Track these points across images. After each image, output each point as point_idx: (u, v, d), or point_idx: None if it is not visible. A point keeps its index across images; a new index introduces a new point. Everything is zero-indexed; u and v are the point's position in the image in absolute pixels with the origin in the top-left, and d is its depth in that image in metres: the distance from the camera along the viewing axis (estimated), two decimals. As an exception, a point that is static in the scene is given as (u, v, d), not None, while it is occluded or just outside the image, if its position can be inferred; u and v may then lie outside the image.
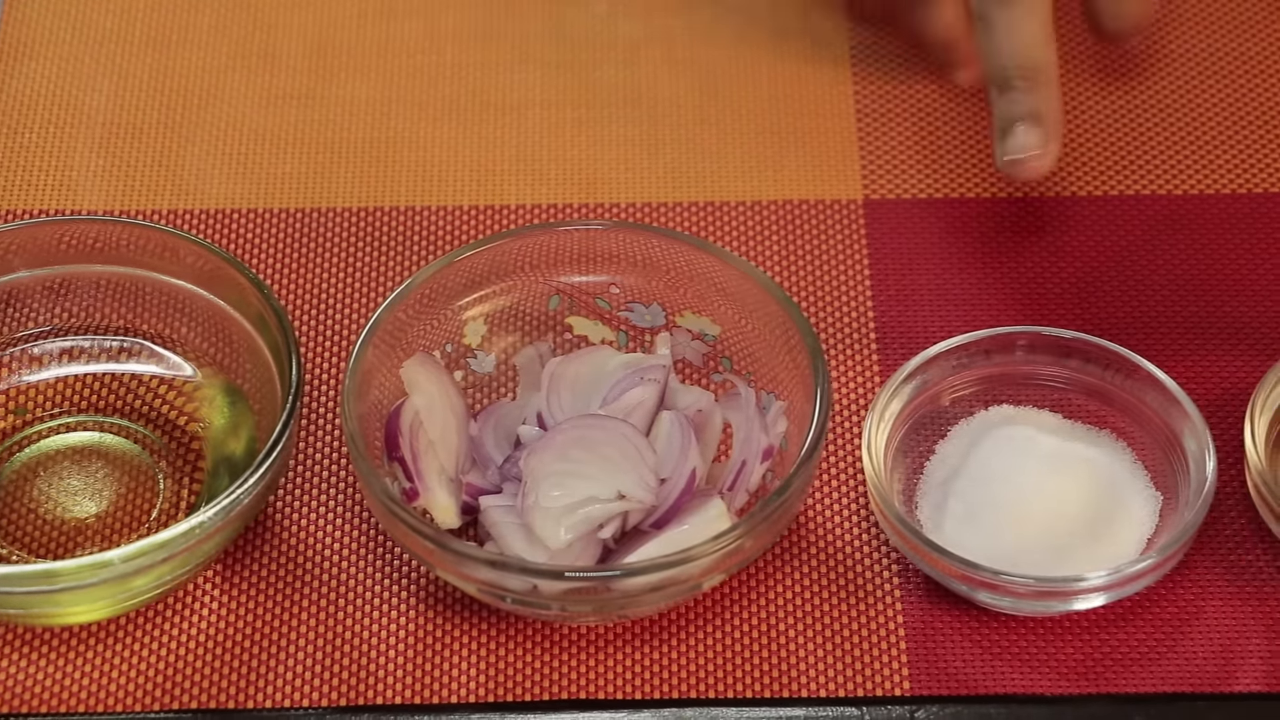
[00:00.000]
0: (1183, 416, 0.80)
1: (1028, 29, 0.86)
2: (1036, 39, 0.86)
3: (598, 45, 1.01)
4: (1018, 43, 0.86)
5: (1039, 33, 0.86)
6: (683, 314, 0.85)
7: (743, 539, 0.75)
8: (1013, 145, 0.85)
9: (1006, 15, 0.86)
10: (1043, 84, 0.86)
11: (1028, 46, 0.86)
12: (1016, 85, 0.85)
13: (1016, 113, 0.85)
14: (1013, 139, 0.85)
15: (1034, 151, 0.85)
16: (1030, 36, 0.86)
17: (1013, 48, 0.86)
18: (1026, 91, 0.85)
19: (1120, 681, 0.78)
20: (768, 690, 0.78)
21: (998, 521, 0.80)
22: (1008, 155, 0.85)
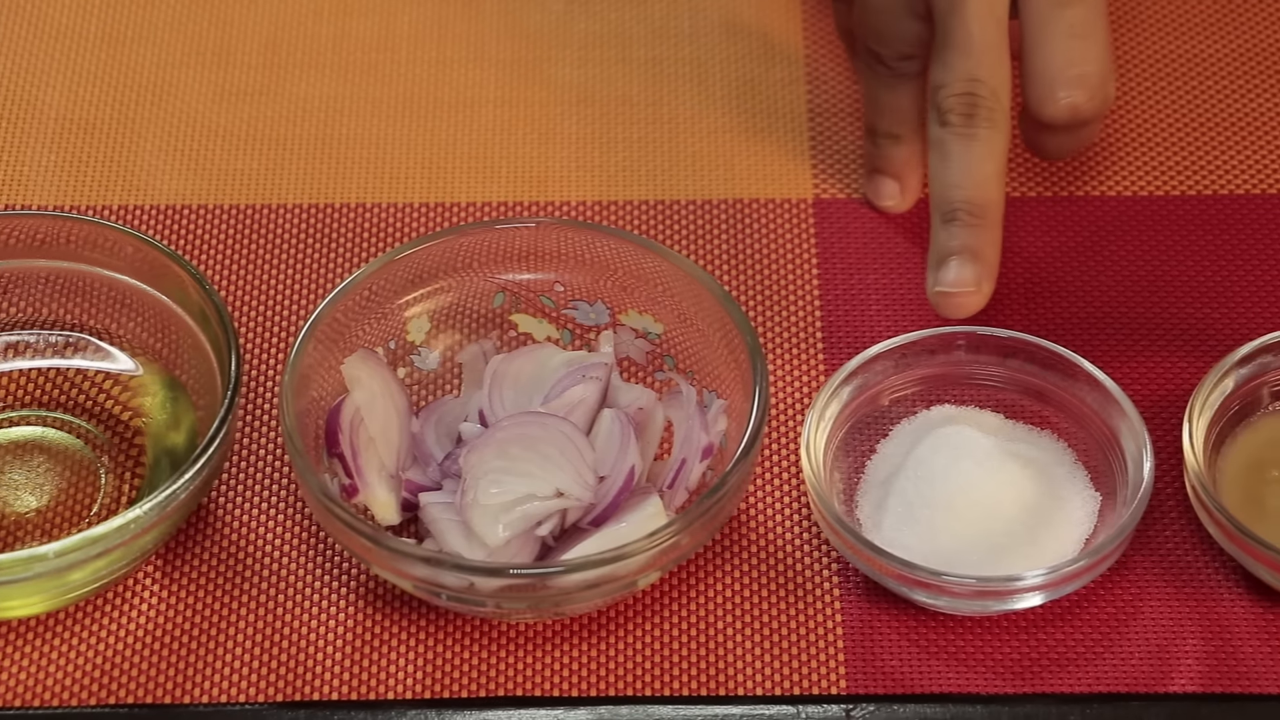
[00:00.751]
0: (1121, 417, 0.81)
1: (983, 168, 0.85)
2: (990, 179, 0.85)
3: (553, 43, 1.01)
4: (970, 179, 0.85)
5: (993, 173, 0.85)
6: (626, 312, 0.85)
7: (677, 536, 0.75)
8: (945, 278, 0.84)
9: (964, 151, 0.85)
10: (988, 224, 0.85)
11: (980, 184, 0.85)
12: (961, 219, 0.84)
13: (955, 247, 0.84)
14: (946, 272, 0.84)
15: (967, 288, 0.84)
16: (984, 177, 0.85)
17: (964, 182, 0.85)
18: (970, 228, 0.84)
19: (1056, 681, 0.78)
20: (704, 688, 0.78)
21: (936, 521, 0.80)
22: (939, 287, 0.84)
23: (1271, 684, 0.78)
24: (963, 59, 0.86)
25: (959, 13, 0.86)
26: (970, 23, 0.86)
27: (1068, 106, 0.86)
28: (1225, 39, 0.99)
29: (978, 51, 0.86)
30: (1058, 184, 0.94)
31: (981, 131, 0.85)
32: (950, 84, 0.86)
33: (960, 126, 0.85)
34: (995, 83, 0.86)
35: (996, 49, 0.86)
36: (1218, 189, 0.93)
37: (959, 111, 0.85)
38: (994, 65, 0.86)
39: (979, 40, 0.86)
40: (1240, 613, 0.79)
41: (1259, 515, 0.80)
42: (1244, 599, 0.80)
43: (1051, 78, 0.86)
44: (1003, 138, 0.86)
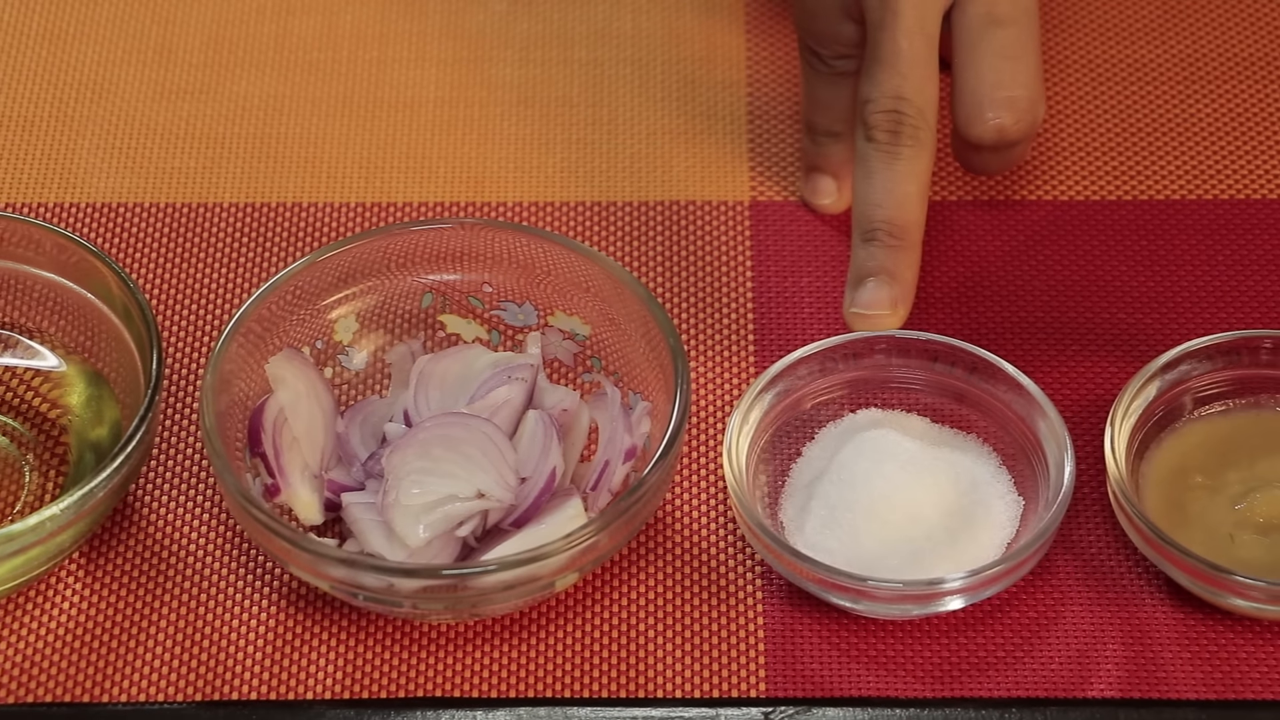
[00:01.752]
0: (1044, 421, 0.81)
1: (905, 188, 0.85)
2: (911, 199, 0.85)
3: (494, 43, 1.01)
4: (892, 198, 0.85)
5: (915, 194, 0.85)
6: (555, 314, 0.85)
7: (595, 537, 0.75)
8: (861, 298, 0.84)
9: (887, 169, 0.85)
10: (907, 245, 0.85)
11: (901, 204, 0.85)
12: (880, 239, 0.84)
13: (873, 267, 0.84)
14: (863, 292, 0.84)
15: (882, 310, 0.84)
16: (905, 196, 0.85)
17: (886, 201, 0.85)
18: (889, 248, 0.84)
19: (975, 686, 0.78)
20: (624, 690, 0.78)
21: (858, 524, 0.80)
22: (855, 307, 0.84)
23: (1189, 690, 0.78)
24: (890, 75, 0.86)
25: (889, 27, 0.86)
26: (900, 38, 0.86)
27: (995, 128, 0.86)
28: (1162, 45, 0.99)
29: (905, 68, 0.85)
30: (992, 188, 0.94)
31: (905, 150, 0.85)
32: (877, 100, 0.86)
33: (885, 144, 0.85)
34: (921, 101, 0.85)
35: (925, 66, 0.86)
36: (1152, 194, 0.93)
37: (884, 129, 0.85)
38: (921, 83, 0.86)
39: (907, 56, 0.85)
40: (1161, 618, 0.79)
41: (1181, 521, 0.80)
42: (1165, 605, 0.80)
43: (980, 98, 0.86)
44: (927, 157, 0.85)
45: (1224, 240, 0.91)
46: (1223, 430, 0.83)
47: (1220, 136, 0.95)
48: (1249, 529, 0.79)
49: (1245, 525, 0.80)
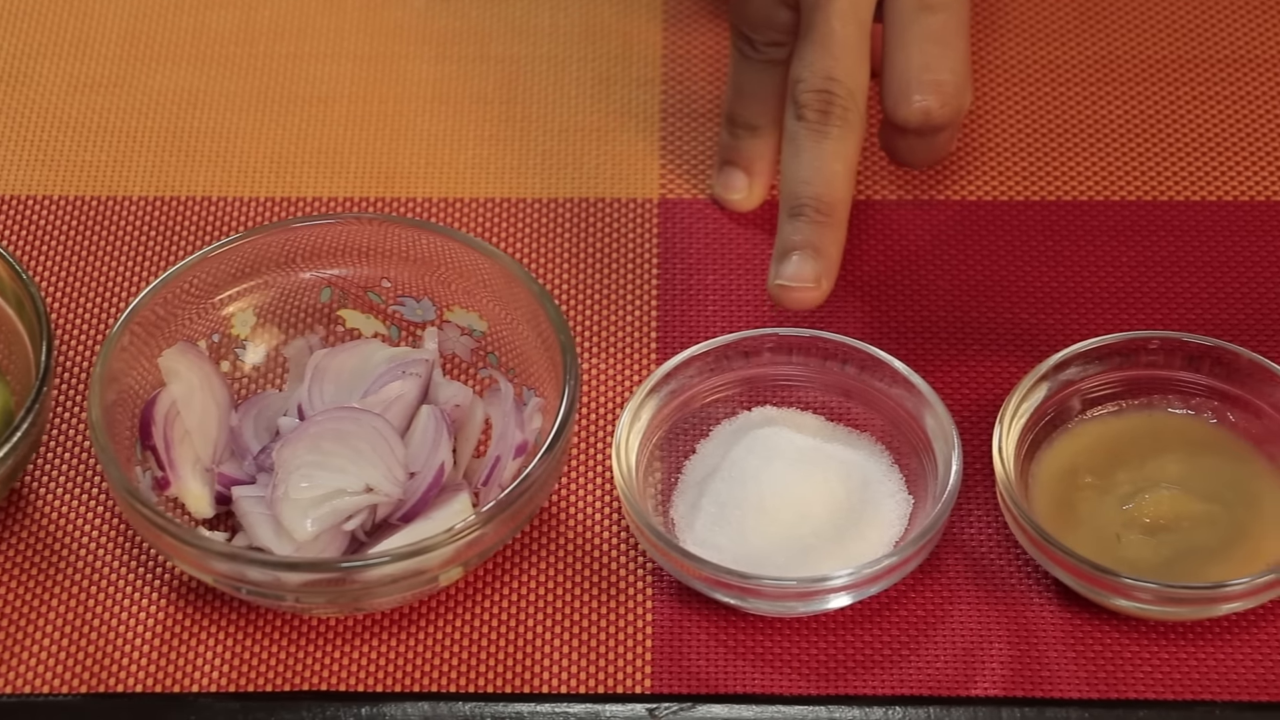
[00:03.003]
0: (933, 418, 0.81)
1: (833, 166, 0.85)
2: (838, 177, 0.85)
3: (412, 39, 1.01)
4: (820, 175, 0.85)
5: (843, 172, 0.85)
6: (452, 309, 0.85)
7: (479, 531, 0.76)
8: (786, 271, 0.84)
9: (816, 147, 0.85)
10: (833, 222, 0.85)
11: (829, 182, 0.85)
12: (807, 215, 0.85)
13: (798, 241, 0.84)
14: (787, 265, 0.84)
15: (806, 284, 0.84)
16: (833, 175, 0.85)
17: (813, 178, 0.85)
18: (815, 224, 0.84)
19: (860, 683, 0.78)
20: (510, 685, 0.78)
21: (746, 522, 0.80)
22: (779, 280, 0.84)
23: (1073, 689, 0.78)
24: (822, 56, 0.86)
25: (823, 9, 0.86)
26: (833, 20, 0.86)
27: (920, 110, 0.86)
28: (1072, 47, 0.99)
29: (838, 50, 0.86)
30: (900, 188, 0.94)
31: (834, 130, 0.85)
32: (808, 80, 0.86)
33: (814, 123, 0.86)
34: (852, 83, 0.86)
35: (857, 49, 0.86)
36: (1059, 195, 0.93)
37: (814, 108, 0.86)
38: (852, 65, 0.86)
39: (840, 38, 0.86)
40: (1048, 617, 0.80)
41: (1070, 521, 0.80)
42: (1052, 604, 0.80)
43: (907, 81, 0.86)
44: (855, 137, 0.86)
45: (1128, 241, 0.91)
46: (1114, 430, 0.83)
47: (1127, 139, 0.95)
48: (1136, 529, 0.80)
49: (1133, 525, 0.80)
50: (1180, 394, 0.83)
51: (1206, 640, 0.79)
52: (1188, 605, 0.77)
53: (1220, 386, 0.82)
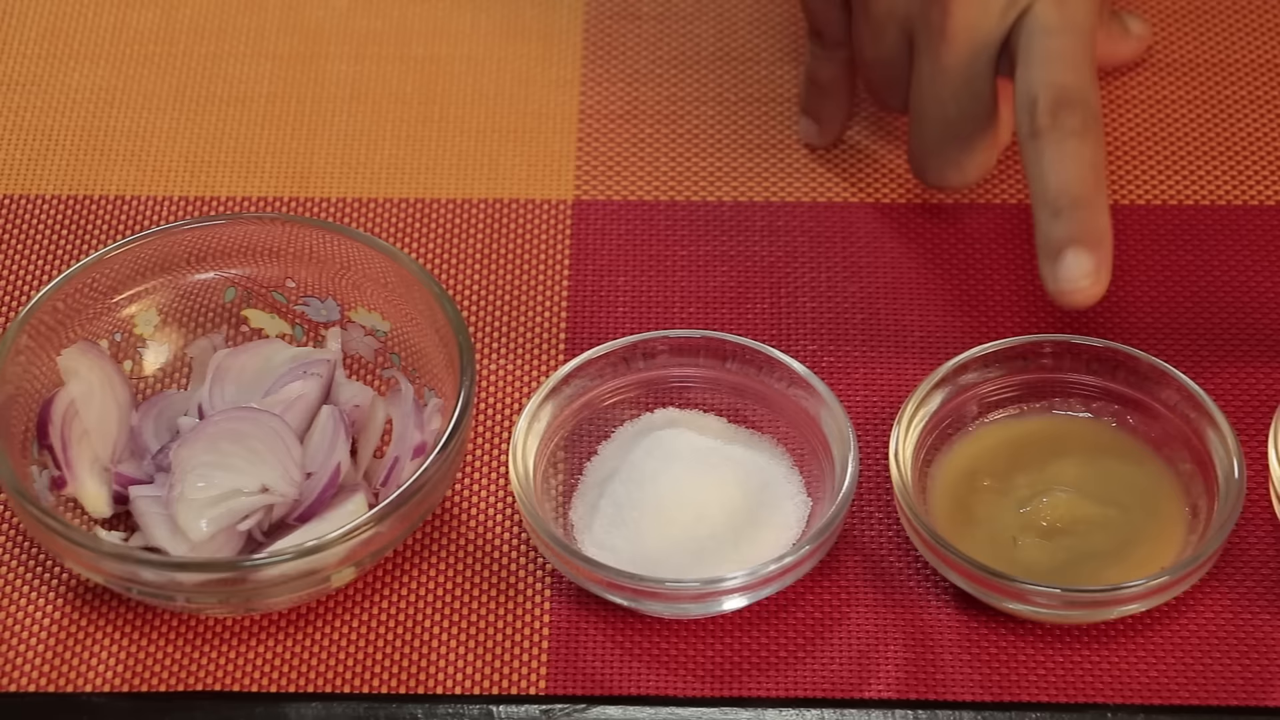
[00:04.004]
0: (831, 420, 0.81)
1: (1085, 157, 0.83)
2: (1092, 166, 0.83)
3: (332, 39, 1.01)
4: (1070, 173, 0.82)
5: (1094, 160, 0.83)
6: (356, 310, 0.85)
7: (371, 531, 0.76)
8: (1063, 273, 0.81)
9: (1065, 146, 0.82)
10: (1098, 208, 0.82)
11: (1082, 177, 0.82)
12: (1066, 211, 0.82)
13: (1065, 237, 0.81)
14: (1062, 266, 0.81)
15: (1087, 279, 0.81)
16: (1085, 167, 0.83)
17: (1065, 178, 0.82)
18: (1080, 216, 0.81)
19: (754, 685, 0.78)
20: (404, 686, 0.78)
21: (644, 524, 0.80)
22: (1058, 284, 0.81)
23: (966, 691, 0.78)
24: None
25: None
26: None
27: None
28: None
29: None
30: (813, 190, 0.94)
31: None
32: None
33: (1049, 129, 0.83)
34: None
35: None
36: (961, 199, 0.93)
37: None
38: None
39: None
40: (944, 620, 0.80)
41: (966, 523, 0.80)
42: (948, 607, 0.80)
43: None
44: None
45: (1031, 246, 0.91)
46: (1015, 433, 0.83)
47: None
48: (1032, 532, 0.80)
49: (1029, 528, 0.80)
50: (1081, 397, 0.83)
51: (1101, 643, 0.79)
52: (1081, 608, 0.77)
53: (1120, 390, 0.82)
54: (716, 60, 1.00)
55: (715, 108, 0.98)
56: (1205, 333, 0.88)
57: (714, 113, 0.98)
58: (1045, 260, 0.81)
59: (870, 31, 0.89)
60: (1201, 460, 0.80)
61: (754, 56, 1.00)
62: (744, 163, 0.96)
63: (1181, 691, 0.77)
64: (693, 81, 0.99)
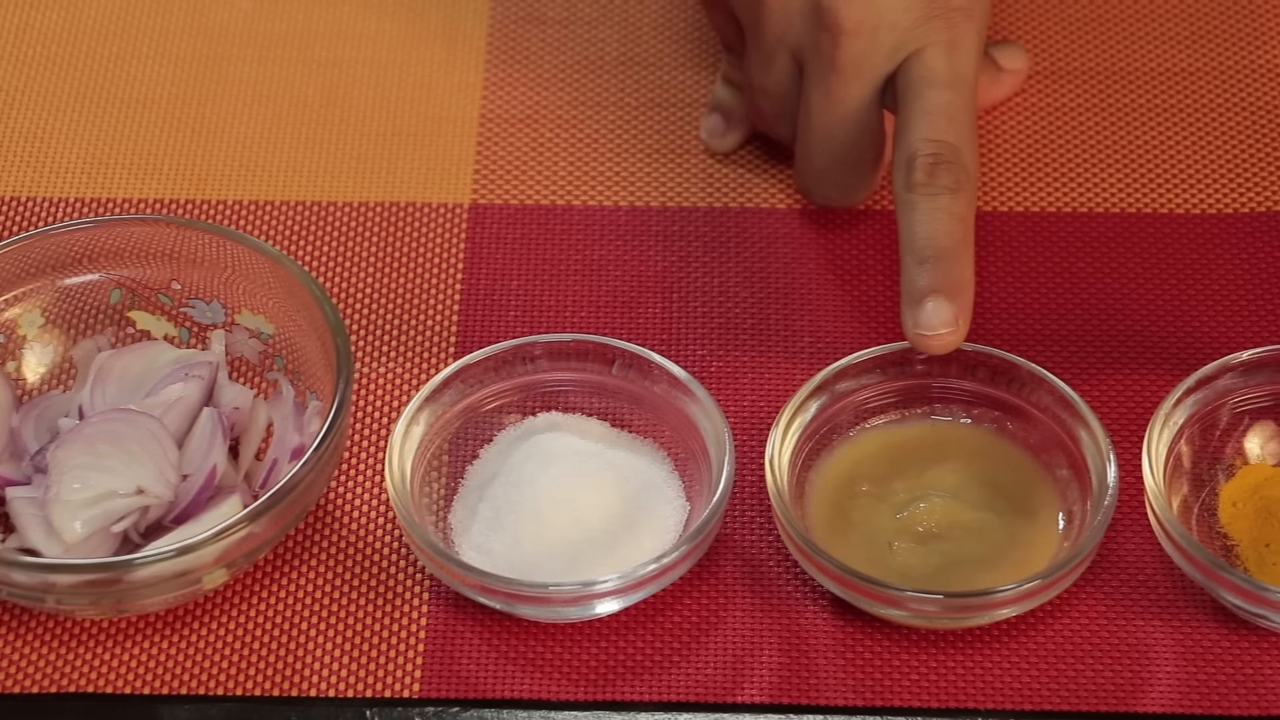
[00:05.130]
0: (709, 423, 0.81)
1: (956, 212, 0.84)
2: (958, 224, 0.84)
3: (235, 41, 1.01)
4: (939, 226, 0.83)
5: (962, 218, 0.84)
6: (241, 312, 0.85)
7: (243, 531, 0.76)
8: (924, 320, 0.81)
9: (937, 200, 0.84)
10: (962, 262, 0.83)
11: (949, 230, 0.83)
12: (931, 260, 0.83)
13: (928, 286, 0.82)
14: (924, 313, 0.81)
15: (947, 328, 0.81)
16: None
17: (934, 230, 0.83)
18: (942, 266, 0.82)
19: (628, 689, 0.78)
20: (278, 689, 0.78)
21: (521, 527, 0.80)
22: (917, 329, 0.81)
23: (839, 696, 0.78)
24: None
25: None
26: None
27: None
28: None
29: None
30: (694, 195, 0.94)
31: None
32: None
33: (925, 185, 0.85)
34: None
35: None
36: (870, 204, 0.94)
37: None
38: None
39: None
40: (820, 624, 0.80)
41: (844, 528, 0.80)
42: (824, 611, 0.80)
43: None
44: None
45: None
46: (896, 439, 0.83)
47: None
48: (908, 537, 0.80)
49: (905, 534, 0.80)
50: (962, 404, 0.83)
51: (976, 649, 0.79)
52: (954, 613, 0.77)
53: (1000, 396, 0.83)
54: (619, 65, 1.00)
55: (616, 112, 0.98)
56: (1092, 340, 0.88)
57: (614, 117, 0.98)
58: (907, 306, 0.82)
59: (760, 59, 0.89)
60: (1077, 465, 0.80)
61: (657, 61, 1.00)
62: (642, 168, 0.96)
63: (1053, 697, 0.78)
64: (594, 86, 0.99)
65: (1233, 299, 0.89)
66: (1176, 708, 0.77)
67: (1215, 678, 0.78)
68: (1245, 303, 0.89)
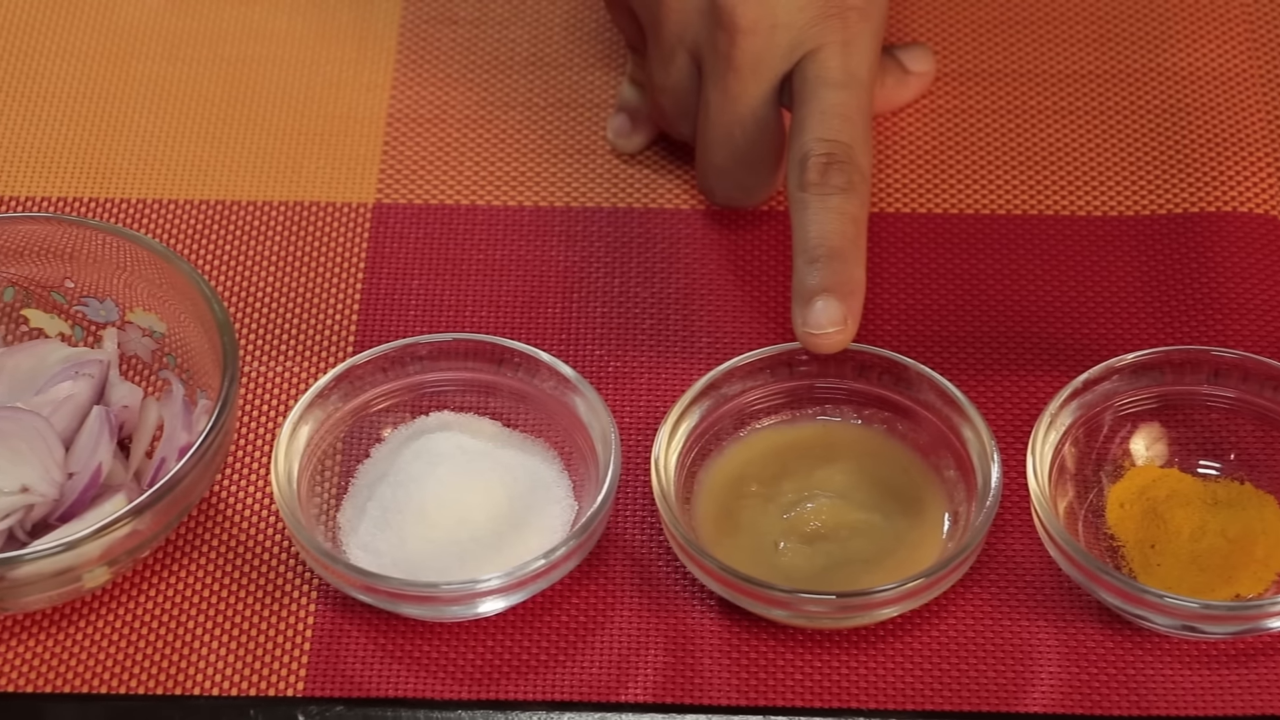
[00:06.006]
0: (597, 422, 0.81)
1: (848, 212, 0.84)
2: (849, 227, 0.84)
3: (144, 39, 1.01)
4: (831, 226, 0.84)
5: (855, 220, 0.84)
6: (134, 311, 0.85)
7: (124, 529, 0.75)
8: (813, 319, 0.82)
9: (829, 201, 0.84)
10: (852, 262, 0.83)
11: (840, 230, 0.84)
12: (822, 260, 0.83)
13: (818, 285, 0.82)
14: (813, 312, 0.82)
15: (836, 327, 0.82)
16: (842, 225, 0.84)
17: (825, 230, 0.83)
18: (834, 266, 0.83)
19: (513, 689, 0.78)
20: (161, 687, 0.78)
21: (407, 527, 0.80)
22: (806, 328, 0.82)
23: (724, 696, 0.78)
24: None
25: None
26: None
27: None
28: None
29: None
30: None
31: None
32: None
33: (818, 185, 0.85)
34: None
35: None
36: (772, 205, 0.94)
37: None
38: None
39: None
40: (707, 624, 0.80)
41: (732, 529, 0.81)
42: (712, 611, 0.80)
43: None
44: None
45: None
46: (787, 440, 0.83)
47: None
48: (795, 538, 0.80)
49: (792, 534, 0.80)
50: (853, 404, 0.83)
51: (860, 649, 0.79)
52: (837, 614, 0.77)
53: (890, 396, 0.83)
54: (528, 65, 1.00)
55: (523, 112, 0.98)
56: (987, 341, 0.88)
57: (522, 117, 0.98)
58: (797, 305, 0.82)
59: (660, 58, 0.90)
60: (964, 466, 0.80)
61: (566, 62, 1.00)
62: (547, 168, 0.96)
63: (936, 697, 0.78)
64: (503, 86, 0.99)
65: (1129, 301, 0.89)
66: (1058, 708, 0.77)
67: (1097, 678, 0.78)
68: (1141, 305, 0.89)
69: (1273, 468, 0.81)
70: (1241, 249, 0.91)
